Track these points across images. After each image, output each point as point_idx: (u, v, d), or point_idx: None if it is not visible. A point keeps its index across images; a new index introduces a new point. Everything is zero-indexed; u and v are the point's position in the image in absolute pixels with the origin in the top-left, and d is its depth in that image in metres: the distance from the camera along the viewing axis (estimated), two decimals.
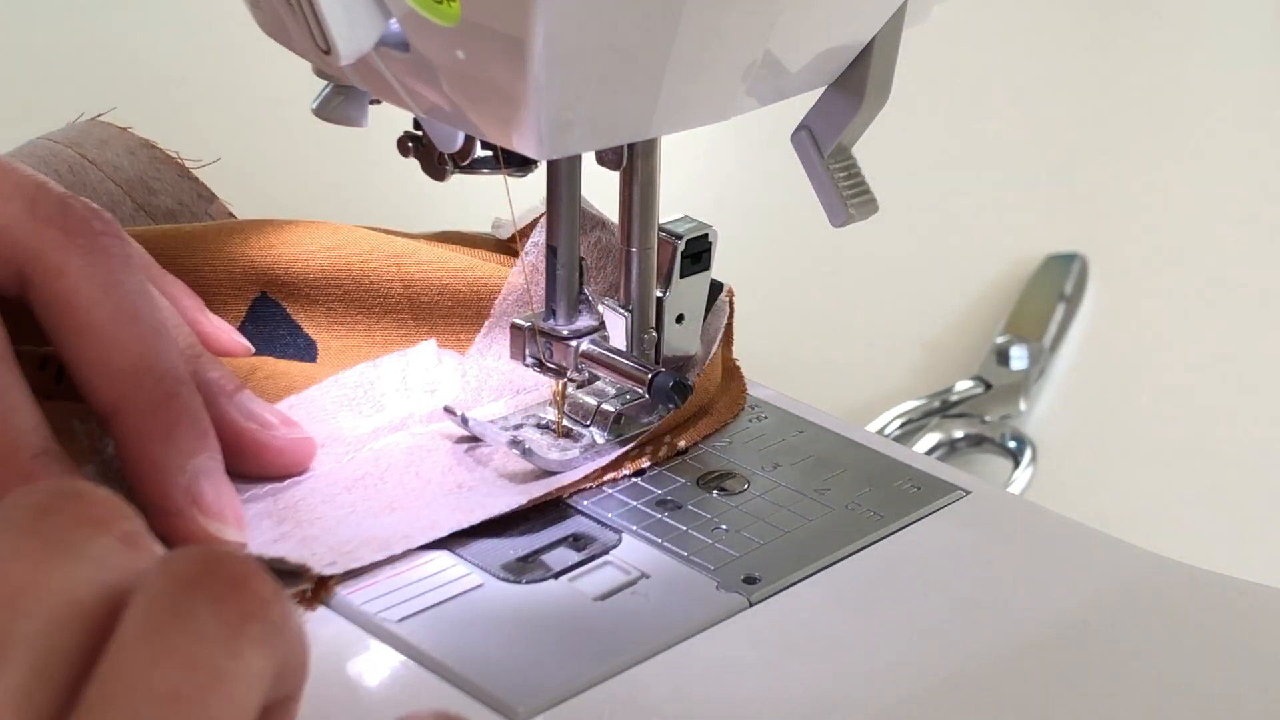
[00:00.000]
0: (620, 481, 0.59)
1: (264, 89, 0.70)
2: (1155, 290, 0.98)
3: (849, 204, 0.57)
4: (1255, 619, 0.54)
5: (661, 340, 0.61)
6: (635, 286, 0.60)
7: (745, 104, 0.55)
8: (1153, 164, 1.12)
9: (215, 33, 0.79)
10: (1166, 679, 0.51)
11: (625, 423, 0.60)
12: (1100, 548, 0.57)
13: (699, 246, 0.61)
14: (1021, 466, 0.79)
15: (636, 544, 0.56)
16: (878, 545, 0.56)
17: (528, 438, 0.59)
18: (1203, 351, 0.92)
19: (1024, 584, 0.55)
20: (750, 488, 0.59)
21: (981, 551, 0.57)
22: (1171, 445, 0.84)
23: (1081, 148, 1.15)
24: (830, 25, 0.54)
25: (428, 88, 0.52)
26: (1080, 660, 0.52)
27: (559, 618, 0.52)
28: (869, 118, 0.57)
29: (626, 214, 0.60)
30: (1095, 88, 1.25)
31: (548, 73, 0.49)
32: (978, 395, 0.84)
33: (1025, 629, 0.53)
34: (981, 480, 0.60)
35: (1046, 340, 0.88)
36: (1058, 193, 1.09)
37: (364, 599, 0.52)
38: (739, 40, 0.52)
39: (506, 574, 0.54)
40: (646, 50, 0.50)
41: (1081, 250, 0.97)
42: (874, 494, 0.59)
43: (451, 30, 0.49)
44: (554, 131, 0.50)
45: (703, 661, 0.51)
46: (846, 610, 0.54)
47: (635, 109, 0.52)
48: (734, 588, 0.54)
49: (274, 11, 0.53)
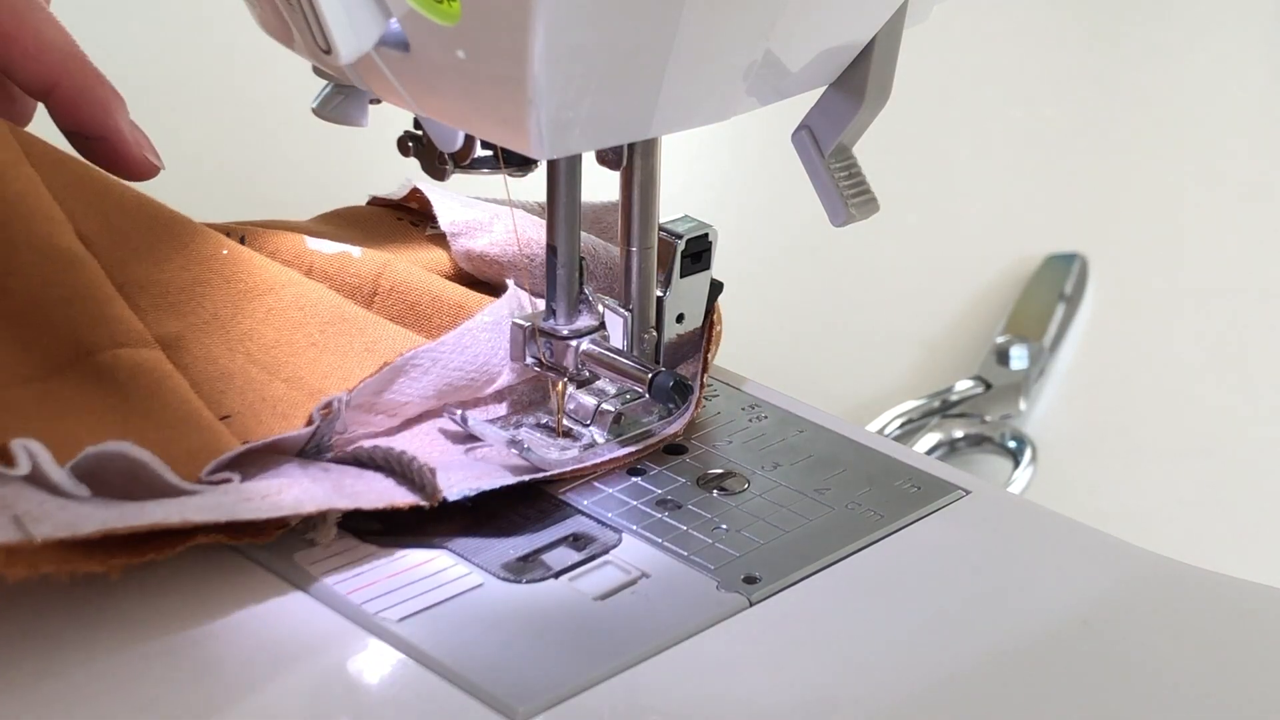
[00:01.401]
0: (620, 481, 0.59)
1: (263, 89, 0.70)
2: (1155, 290, 0.98)
3: (849, 204, 0.57)
4: (1255, 619, 0.54)
5: (661, 340, 0.61)
6: (635, 286, 0.60)
7: (745, 104, 0.55)
8: (1153, 164, 1.12)
9: (215, 32, 0.79)
10: (1166, 679, 0.51)
11: (625, 423, 0.60)
12: (1100, 548, 0.57)
13: (699, 246, 0.61)
14: (1021, 466, 0.79)
15: (636, 544, 0.56)
16: (878, 545, 0.56)
17: (527, 437, 0.59)
18: (1203, 351, 0.92)
19: (1024, 584, 0.55)
20: (750, 488, 0.59)
21: (981, 551, 0.57)
22: (1171, 445, 0.84)
23: (1081, 148, 1.15)
24: (830, 25, 0.54)
25: (428, 87, 0.52)
26: (1080, 660, 0.52)
27: (559, 618, 0.52)
28: (869, 118, 0.57)
29: (626, 214, 0.60)
30: (1095, 88, 1.25)
31: (548, 73, 0.49)
32: (978, 395, 0.84)
33: (1025, 629, 0.53)
34: (981, 480, 0.60)
35: (1046, 340, 0.88)
36: (1058, 193, 1.09)
37: (364, 599, 0.52)
38: (739, 40, 0.52)
39: (506, 574, 0.54)
40: (646, 50, 0.50)
41: (1081, 250, 0.97)
42: (874, 494, 0.59)
43: (451, 30, 0.49)
44: (554, 131, 0.50)
45: (703, 661, 0.51)
46: (846, 610, 0.54)
47: (635, 109, 0.52)
48: (734, 588, 0.54)
49: (274, 11, 0.53)
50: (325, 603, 0.52)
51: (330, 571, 0.53)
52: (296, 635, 0.51)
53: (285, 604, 0.52)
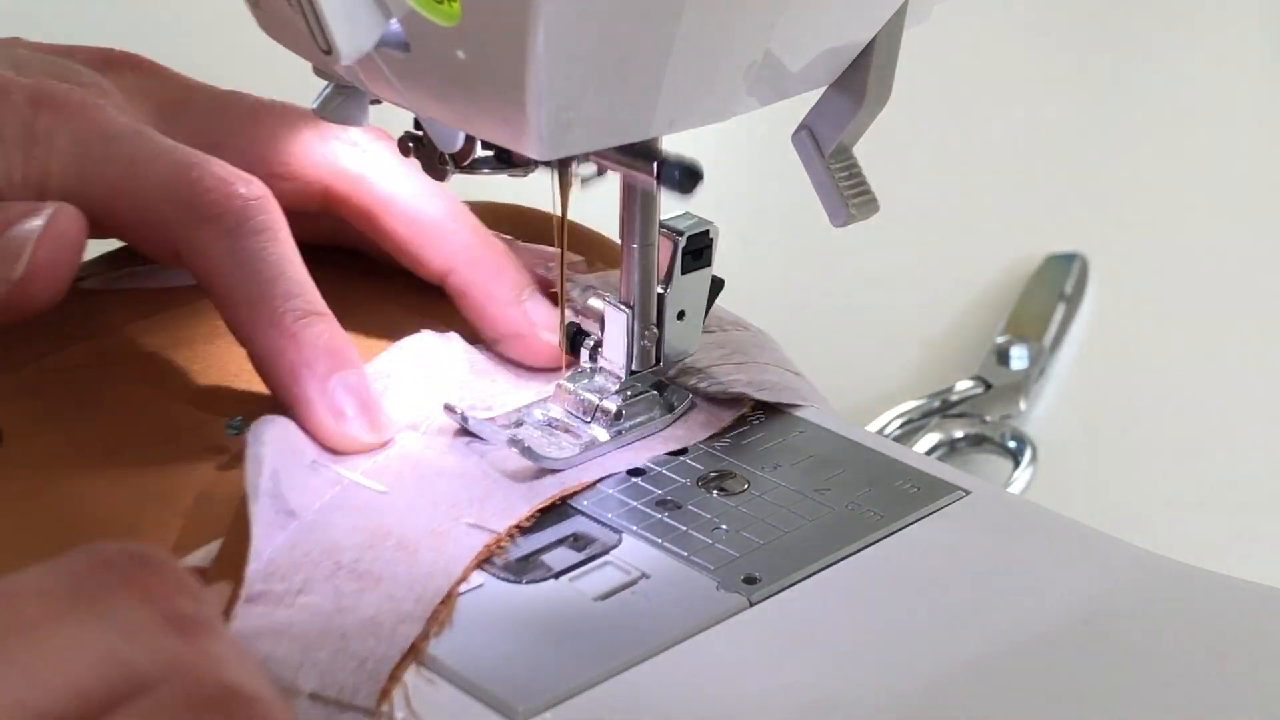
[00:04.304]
0: (620, 481, 0.59)
1: (263, 89, 0.70)
2: (1155, 290, 0.98)
3: (849, 204, 0.57)
4: (1255, 619, 0.54)
5: (662, 337, 0.61)
6: (636, 283, 0.60)
7: (745, 104, 0.55)
8: (1153, 164, 1.12)
9: (215, 32, 0.79)
10: (1166, 679, 0.51)
11: (626, 418, 0.60)
12: (1100, 548, 0.57)
13: (700, 243, 0.61)
14: (1021, 466, 0.79)
15: (636, 544, 0.56)
16: (878, 545, 0.56)
17: (527, 436, 0.59)
18: (1203, 351, 0.92)
19: (1024, 584, 0.55)
20: (750, 488, 0.59)
21: (981, 551, 0.57)
22: (1171, 445, 0.84)
23: (1081, 148, 1.15)
24: (831, 25, 0.54)
25: (428, 87, 0.53)
26: (1080, 660, 0.51)
27: (559, 618, 0.52)
28: (869, 118, 0.57)
29: (627, 210, 0.60)
30: (1095, 88, 1.25)
31: (548, 73, 0.49)
32: (978, 395, 0.84)
33: (1025, 629, 0.53)
34: (981, 480, 0.60)
35: (1046, 340, 0.88)
36: (1058, 193, 1.09)
37: None
38: (739, 40, 0.52)
39: (506, 574, 0.54)
40: (646, 50, 0.50)
41: (1081, 250, 0.97)
42: (874, 494, 0.59)
43: (451, 30, 0.49)
44: (554, 131, 0.50)
45: (703, 661, 0.51)
46: (846, 610, 0.54)
47: (635, 109, 0.52)
48: (734, 588, 0.54)
49: (274, 11, 0.53)
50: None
51: None
52: None
53: None
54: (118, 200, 0.61)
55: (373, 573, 0.52)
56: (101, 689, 0.35)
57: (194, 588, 0.38)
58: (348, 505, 0.56)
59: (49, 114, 0.61)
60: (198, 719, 0.35)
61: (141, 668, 0.36)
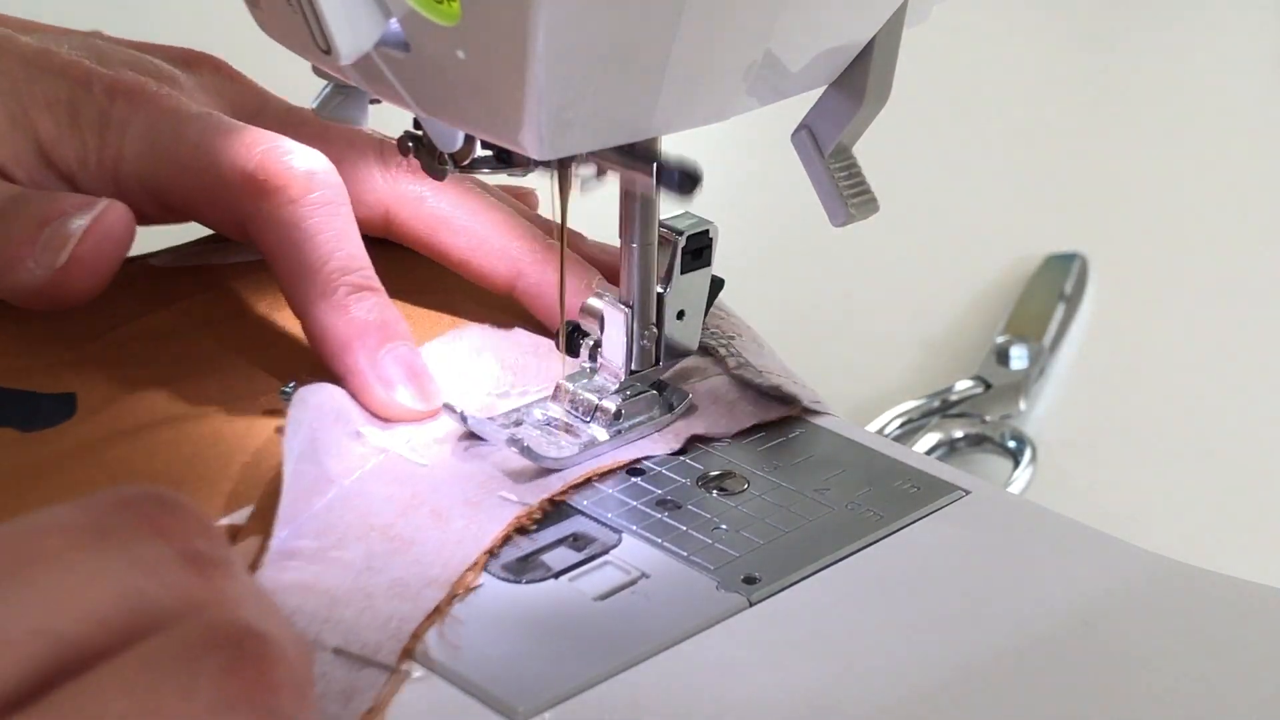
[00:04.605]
0: (620, 481, 0.59)
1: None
2: (1155, 290, 0.98)
3: (849, 204, 0.57)
4: (1255, 619, 0.54)
5: (662, 336, 0.61)
6: (636, 282, 0.60)
7: (745, 104, 0.55)
8: (1153, 164, 1.12)
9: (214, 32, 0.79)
10: (1166, 679, 0.51)
11: (625, 418, 0.60)
12: (1100, 548, 0.57)
13: (700, 243, 0.61)
14: (1021, 466, 0.79)
15: (636, 544, 0.56)
16: (878, 545, 0.56)
17: (526, 435, 0.59)
18: (1203, 351, 0.92)
19: (1024, 584, 0.55)
20: (750, 488, 0.59)
21: (981, 551, 0.57)
22: (1171, 445, 0.84)
23: (1081, 148, 1.15)
24: (830, 25, 0.54)
25: (427, 88, 0.53)
26: (1080, 660, 0.51)
27: (559, 618, 0.52)
28: (869, 118, 0.57)
29: (627, 210, 0.60)
30: (1095, 88, 1.25)
31: (548, 73, 0.49)
32: (978, 395, 0.84)
33: (1025, 629, 0.53)
34: (981, 480, 0.60)
35: (1046, 340, 0.88)
36: (1058, 193, 1.09)
37: None
38: (739, 40, 0.52)
39: (506, 574, 0.54)
40: (646, 50, 0.50)
41: (1081, 250, 0.97)
42: (874, 494, 0.59)
43: (451, 30, 0.49)
44: (554, 131, 0.50)
45: (703, 661, 0.51)
46: (846, 610, 0.54)
47: (635, 109, 0.52)
48: (734, 588, 0.54)
49: (274, 11, 0.53)
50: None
51: None
52: None
53: None
54: (187, 176, 0.63)
55: (404, 536, 0.54)
56: (120, 619, 0.36)
57: (211, 530, 0.39)
58: (386, 475, 0.57)
59: (124, 102, 0.64)
60: (212, 655, 0.36)
61: (159, 601, 0.37)
